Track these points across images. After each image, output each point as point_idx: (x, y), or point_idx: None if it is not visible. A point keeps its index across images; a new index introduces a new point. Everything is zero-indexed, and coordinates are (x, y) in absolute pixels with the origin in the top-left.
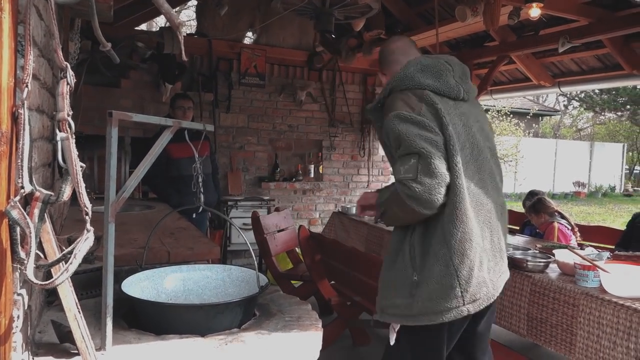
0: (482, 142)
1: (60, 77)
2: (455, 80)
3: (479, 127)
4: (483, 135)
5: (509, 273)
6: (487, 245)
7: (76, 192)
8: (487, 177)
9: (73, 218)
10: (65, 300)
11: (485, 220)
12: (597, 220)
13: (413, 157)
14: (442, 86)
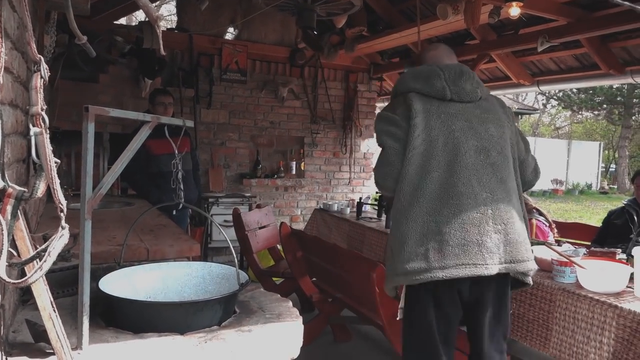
0: (464, 140)
1: (34, 70)
2: (445, 83)
3: (468, 126)
4: (470, 133)
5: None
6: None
7: (50, 188)
8: (463, 171)
9: (50, 215)
10: (40, 298)
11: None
12: (574, 217)
13: (381, 149)
14: (428, 88)
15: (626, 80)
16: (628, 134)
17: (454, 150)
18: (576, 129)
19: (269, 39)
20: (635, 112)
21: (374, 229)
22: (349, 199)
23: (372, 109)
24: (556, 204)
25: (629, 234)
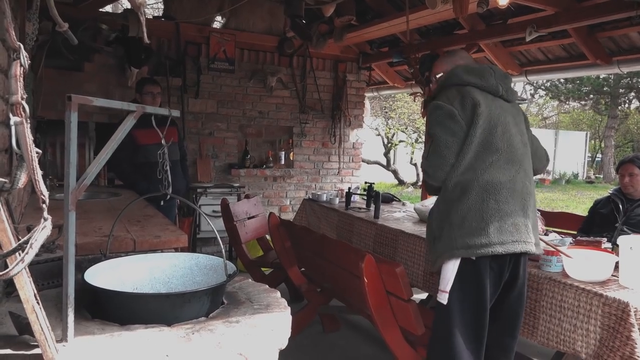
0: (514, 133)
1: (13, 58)
2: (496, 80)
3: (514, 122)
4: (516, 129)
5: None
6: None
7: (32, 179)
8: (513, 162)
9: (35, 206)
10: (23, 291)
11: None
12: (561, 206)
13: (431, 139)
14: (484, 83)
15: (613, 70)
16: (614, 124)
17: (508, 141)
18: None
19: (257, 28)
20: (621, 102)
21: (363, 218)
22: (337, 189)
23: (361, 98)
24: (543, 193)
25: (615, 223)
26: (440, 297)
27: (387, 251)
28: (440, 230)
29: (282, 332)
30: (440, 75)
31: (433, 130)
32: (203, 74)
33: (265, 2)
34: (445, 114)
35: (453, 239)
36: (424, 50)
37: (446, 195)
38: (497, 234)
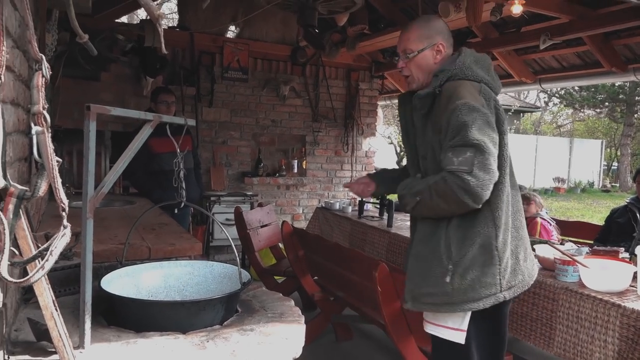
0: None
1: (35, 69)
2: (495, 76)
3: None
4: None
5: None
6: (523, 234)
7: (52, 187)
8: (513, 175)
9: (51, 214)
10: (42, 297)
11: (519, 211)
12: (576, 215)
13: (469, 150)
14: (492, 81)
15: (629, 78)
16: (630, 132)
17: (510, 160)
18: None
19: (270, 37)
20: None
21: (376, 227)
22: (350, 197)
23: (373, 107)
24: (558, 202)
25: (632, 232)
26: (449, 335)
27: (400, 260)
28: (460, 266)
29: (296, 341)
30: (414, 53)
31: (473, 137)
32: (217, 83)
33: (279, 11)
34: (484, 118)
35: (497, 277)
36: None
37: (472, 219)
38: (528, 265)
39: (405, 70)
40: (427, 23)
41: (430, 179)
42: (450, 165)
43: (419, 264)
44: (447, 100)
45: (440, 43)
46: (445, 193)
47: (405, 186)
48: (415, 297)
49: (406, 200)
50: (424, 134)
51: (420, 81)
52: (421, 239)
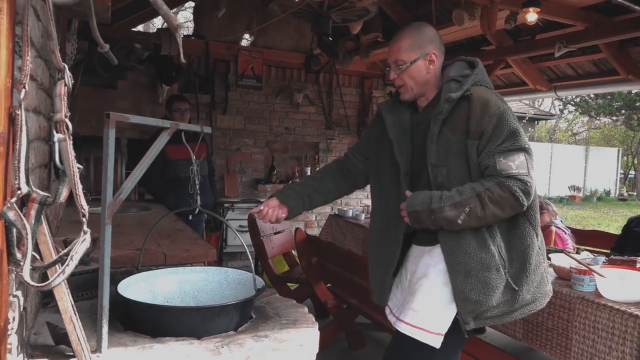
0: None
1: (57, 78)
2: None
3: None
4: None
5: None
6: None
7: (73, 193)
8: None
9: (68, 219)
10: (62, 302)
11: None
12: (592, 224)
13: (522, 154)
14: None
15: None
16: None
17: None
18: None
19: (284, 45)
20: None
21: None
22: (363, 204)
23: None
24: (573, 210)
25: None
26: (424, 337)
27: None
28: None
29: (310, 348)
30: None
31: (524, 141)
32: (231, 91)
33: (293, 20)
34: (518, 123)
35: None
36: None
37: (514, 223)
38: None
39: (398, 80)
40: (419, 32)
41: (474, 186)
42: (508, 169)
43: (471, 280)
44: (484, 104)
45: (432, 52)
46: (502, 198)
47: (432, 199)
48: (478, 316)
49: (446, 214)
50: (438, 140)
51: (414, 92)
52: (465, 254)
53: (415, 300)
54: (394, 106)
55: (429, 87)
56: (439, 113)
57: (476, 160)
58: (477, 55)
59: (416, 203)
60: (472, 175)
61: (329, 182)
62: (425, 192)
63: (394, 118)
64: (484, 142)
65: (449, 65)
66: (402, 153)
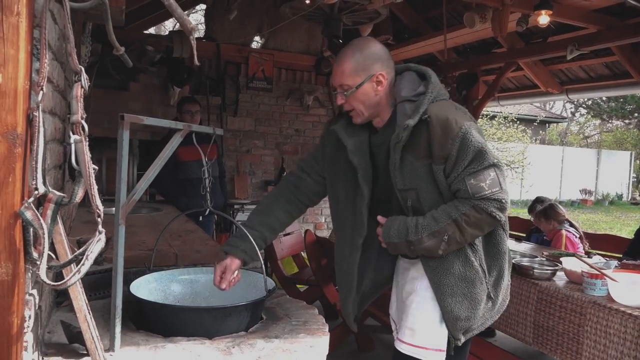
0: None
1: (74, 80)
2: None
3: None
4: None
5: None
6: None
7: (89, 194)
8: None
9: (81, 219)
10: (76, 301)
11: None
12: (604, 228)
13: (492, 170)
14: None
15: None
16: None
17: None
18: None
19: (294, 48)
20: None
21: None
22: None
23: None
24: (585, 214)
25: None
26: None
27: None
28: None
29: (320, 350)
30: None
31: (492, 157)
32: (242, 93)
33: (304, 22)
34: (482, 135)
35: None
36: (461, 69)
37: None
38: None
39: (347, 105)
40: (361, 53)
41: (449, 212)
42: (482, 191)
43: (459, 299)
44: (445, 126)
45: (379, 73)
46: (479, 220)
47: (408, 230)
48: (467, 330)
49: (425, 245)
50: (402, 166)
51: (365, 116)
52: (446, 272)
53: (409, 319)
54: (349, 127)
55: (381, 108)
56: (397, 142)
57: (445, 183)
58: (488, 58)
59: (392, 234)
60: (444, 195)
61: (280, 213)
62: (400, 220)
63: (354, 142)
64: (450, 166)
65: (399, 79)
66: (366, 179)
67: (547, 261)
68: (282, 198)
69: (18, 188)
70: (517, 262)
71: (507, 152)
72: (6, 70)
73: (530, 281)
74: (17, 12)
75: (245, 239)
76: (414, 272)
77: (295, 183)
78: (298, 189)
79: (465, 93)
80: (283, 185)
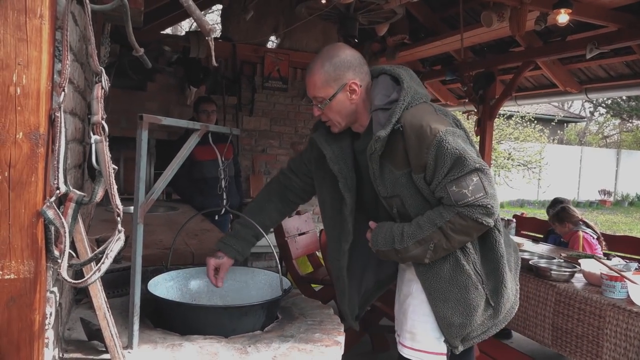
0: None
1: (95, 81)
2: None
3: None
4: None
5: None
6: None
7: (108, 193)
8: None
9: (99, 218)
10: (96, 299)
11: None
12: (623, 229)
13: (474, 175)
14: (429, 96)
15: None
16: None
17: None
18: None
19: (310, 48)
20: None
21: None
22: None
23: None
24: (604, 215)
25: None
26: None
27: None
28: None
29: (335, 349)
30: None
31: (472, 161)
32: (257, 93)
33: (319, 22)
34: (462, 137)
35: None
36: (477, 68)
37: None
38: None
39: (323, 116)
40: (331, 62)
41: (434, 219)
42: (465, 198)
43: (451, 304)
44: (419, 134)
45: (352, 82)
46: (466, 226)
47: (394, 238)
48: (465, 338)
49: (411, 253)
50: (382, 175)
51: (343, 125)
52: (439, 278)
53: (408, 322)
54: (330, 135)
55: (359, 115)
56: (372, 153)
57: (428, 190)
58: (505, 57)
59: (379, 242)
60: (430, 200)
61: (273, 213)
62: (387, 227)
63: (333, 149)
64: (430, 175)
65: (375, 84)
66: (348, 187)
67: (565, 263)
68: (274, 197)
69: (40, 187)
70: (534, 264)
71: (524, 152)
72: (29, 72)
73: (548, 283)
74: (40, 15)
75: (238, 238)
76: (410, 274)
77: (284, 183)
78: (287, 188)
79: (482, 92)
80: (274, 184)
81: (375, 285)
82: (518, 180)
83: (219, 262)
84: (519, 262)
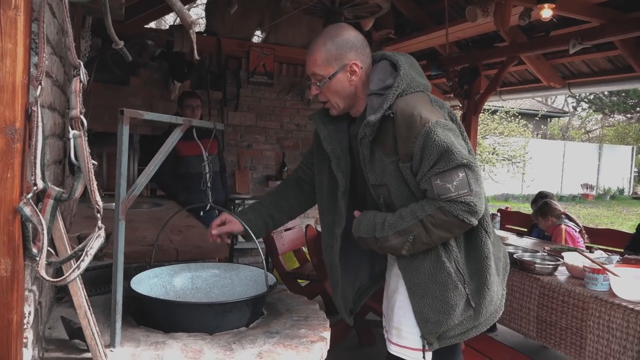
0: None
1: (73, 74)
2: None
3: None
4: None
5: None
6: None
7: (88, 189)
8: None
9: (81, 215)
10: (76, 297)
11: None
12: (605, 223)
13: (460, 171)
14: (428, 85)
15: None
16: None
17: None
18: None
19: (295, 42)
20: None
21: None
22: None
23: None
24: (586, 209)
25: None
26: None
27: None
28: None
29: (321, 345)
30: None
31: (460, 156)
32: (243, 88)
33: (304, 17)
34: (454, 132)
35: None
36: (462, 63)
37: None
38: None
39: (321, 96)
40: (333, 41)
41: (416, 211)
42: (448, 193)
43: (428, 300)
44: (409, 122)
45: (353, 63)
46: (446, 222)
47: (375, 226)
48: (441, 336)
49: (390, 243)
50: (372, 161)
51: (341, 107)
52: (420, 274)
53: (395, 318)
54: (328, 117)
55: (357, 99)
56: (362, 137)
57: (414, 181)
58: (490, 52)
59: (361, 229)
60: (416, 193)
61: (291, 199)
62: (370, 215)
63: (328, 130)
64: (416, 165)
65: (374, 69)
66: (341, 168)
67: (548, 256)
68: (291, 184)
69: (17, 183)
70: (518, 257)
71: (508, 147)
72: (4, 65)
73: (532, 276)
74: (15, 6)
75: (254, 211)
76: (396, 269)
77: (299, 173)
78: (302, 178)
79: (467, 87)
80: (291, 175)
81: (369, 279)
82: (503, 174)
83: (229, 218)
84: (507, 268)
